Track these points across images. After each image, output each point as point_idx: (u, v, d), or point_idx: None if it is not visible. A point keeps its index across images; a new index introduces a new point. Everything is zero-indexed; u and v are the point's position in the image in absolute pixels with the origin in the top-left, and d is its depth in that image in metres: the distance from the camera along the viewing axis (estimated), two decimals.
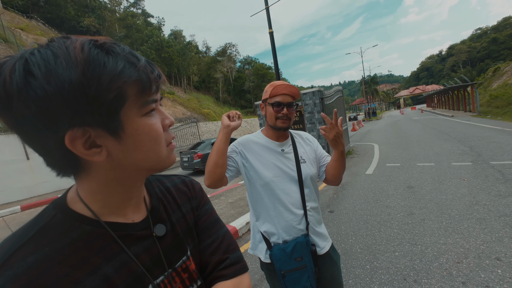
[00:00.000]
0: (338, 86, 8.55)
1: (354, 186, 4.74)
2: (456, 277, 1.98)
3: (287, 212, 1.10)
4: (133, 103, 0.36)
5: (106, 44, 0.34)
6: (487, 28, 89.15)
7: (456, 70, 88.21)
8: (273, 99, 1.10)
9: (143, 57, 0.38)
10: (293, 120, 1.14)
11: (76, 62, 0.31)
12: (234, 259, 0.54)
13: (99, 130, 0.34)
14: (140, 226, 0.45)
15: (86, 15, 36.39)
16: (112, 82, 0.33)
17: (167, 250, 0.47)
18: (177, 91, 35.75)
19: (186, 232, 0.52)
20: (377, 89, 59.31)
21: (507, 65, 28.29)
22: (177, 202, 0.54)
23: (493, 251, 2.23)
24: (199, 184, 0.61)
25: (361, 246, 2.64)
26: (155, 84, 0.38)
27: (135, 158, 0.38)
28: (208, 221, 0.56)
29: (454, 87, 20.60)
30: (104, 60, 0.33)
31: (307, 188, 1.13)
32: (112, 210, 0.42)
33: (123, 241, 0.41)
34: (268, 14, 7.95)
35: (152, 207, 0.49)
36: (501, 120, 12.30)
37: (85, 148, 0.34)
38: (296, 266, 1.05)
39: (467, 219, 2.85)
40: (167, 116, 0.43)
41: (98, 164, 0.37)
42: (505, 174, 4.14)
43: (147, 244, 0.44)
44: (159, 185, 0.54)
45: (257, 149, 1.14)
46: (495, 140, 7.00)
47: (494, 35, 77.71)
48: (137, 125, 0.37)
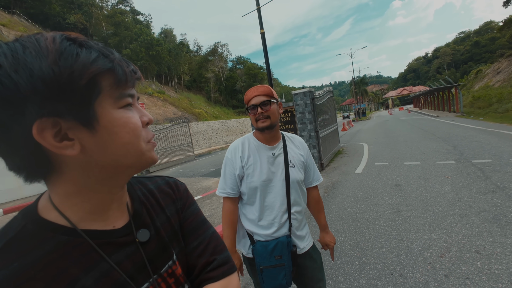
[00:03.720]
0: (329, 87, 8.69)
1: (344, 185, 4.85)
2: (439, 270, 2.07)
3: (271, 214, 1.15)
4: (108, 94, 0.35)
5: (79, 39, 0.34)
6: (470, 31, 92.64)
7: (441, 72, 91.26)
8: (249, 104, 1.13)
9: (118, 53, 0.38)
10: (276, 118, 1.13)
11: (47, 51, 0.30)
12: (221, 260, 0.52)
13: (71, 122, 0.32)
14: (122, 232, 0.42)
15: (73, 11, 35.28)
16: (84, 69, 0.32)
17: (152, 256, 0.45)
18: (167, 90, 35.24)
19: (171, 235, 0.50)
20: (367, 90, 60.57)
21: (488, 67, 29.59)
22: (161, 205, 0.51)
23: (473, 245, 2.35)
24: (184, 184, 0.59)
25: (350, 243, 2.71)
26: (131, 79, 0.38)
27: (113, 152, 0.36)
28: (194, 223, 0.54)
29: (439, 88, 21.34)
30: (77, 51, 0.32)
31: (293, 192, 1.17)
32: (91, 215, 0.39)
33: (103, 249, 0.39)
34: (259, 14, 7.98)
35: (134, 212, 0.46)
36: (482, 120, 12.84)
37: (55, 140, 0.32)
38: (274, 263, 1.11)
39: (450, 215, 2.99)
40: (145, 114, 0.41)
41: (72, 161, 0.35)
42: (485, 172, 4.35)
43: (130, 250, 0.42)
44: (141, 187, 0.52)
45: (249, 153, 1.17)
46: (477, 140, 7.33)
47: (476, 38, 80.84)
48: (112, 117, 0.35)
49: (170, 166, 11.81)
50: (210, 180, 7.02)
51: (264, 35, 7.89)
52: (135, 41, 35.02)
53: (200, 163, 11.18)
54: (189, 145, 13.51)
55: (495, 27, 60.84)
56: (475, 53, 78.81)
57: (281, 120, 6.82)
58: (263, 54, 7.85)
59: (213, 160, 12.01)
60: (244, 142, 1.20)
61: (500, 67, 26.50)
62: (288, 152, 1.19)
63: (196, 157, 13.84)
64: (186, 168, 10.40)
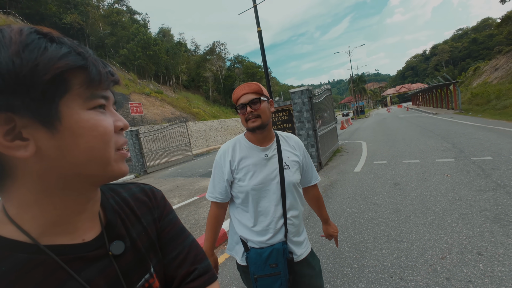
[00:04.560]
0: (327, 85, 8.62)
1: (343, 184, 4.78)
2: (440, 273, 2.01)
3: (266, 220, 1.08)
4: (77, 94, 0.32)
5: (51, 34, 0.31)
6: (468, 28, 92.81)
7: (439, 69, 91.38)
8: (238, 103, 1.06)
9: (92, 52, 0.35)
10: (267, 117, 1.05)
11: (9, 42, 0.28)
12: (202, 269, 0.50)
13: (28, 119, 0.29)
14: (93, 246, 0.39)
15: (69, 11, 34.89)
16: (50, 64, 0.29)
17: (127, 270, 0.42)
18: (165, 90, 35.07)
19: (148, 247, 0.47)
20: (365, 88, 60.54)
21: (486, 64, 29.61)
22: (136, 214, 0.48)
23: (475, 245, 2.29)
24: (161, 192, 0.56)
25: (349, 244, 2.65)
26: (106, 80, 0.35)
27: (74, 156, 0.32)
28: (172, 232, 0.52)
29: (437, 85, 21.32)
30: (46, 45, 0.29)
31: (289, 196, 1.10)
32: (55, 228, 0.35)
33: (71, 266, 0.35)
34: (256, 12, 7.90)
35: (107, 222, 0.43)
36: (481, 117, 12.81)
37: (6, 139, 0.28)
38: (269, 272, 1.03)
39: (450, 215, 2.93)
40: (121, 118, 0.38)
41: (26, 164, 0.30)
42: (485, 169, 4.30)
43: (102, 265, 0.38)
44: (114, 195, 0.48)
45: (240, 155, 1.09)
46: (476, 137, 7.28)
47: (474, 35, 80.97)
48: (79, 118, 0.32)
49: (168, 166, 11.73)
50: (207, 180, 6.94)
51: (261, 33, 7.81)
52: (132, 40, 34.74)
53: (198, 163, 11.10)
54: (187, 145, 13.43)
55: (493, 24, 60.95)
56: (473, 50, 78.95)
57: (279, 119, 6.75)
58: (260, 52, 7.77)
59: (211, 160, 11.91)
60: (235, 144, 1.13)
61: (498, 64, 26.52)
62: (283, 153, 1.11)
63: (194, 157, 13.75)
64: (184, 168, 10.32)
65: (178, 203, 5.08)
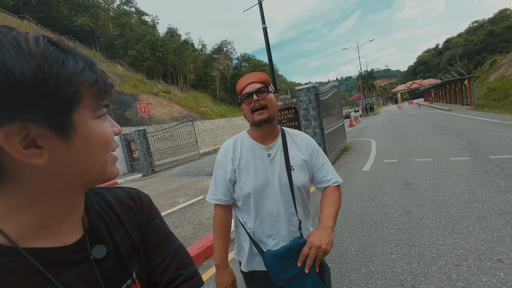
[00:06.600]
0: (334, 82, 8.40)
1: (350, 184, 4.63)
2: (456, 282, 1.86)
3: (268, 226, 1.00)
4: (87, 104, 0.34)
5: (61, 44, 0.33)
6: (484, 20, 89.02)
7: (453, 63, 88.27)
8: (242, 93, 0.97)
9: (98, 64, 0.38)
10: (274, 110, 0.97)
11: (29, 54, 0.28)
12: (188, 275, 0.49)
13: (44, 129, 0.30)
14: (73, 249, 0.38)
15: (80, 14, 35.77)
16: (72, 79, 0.31)
17: (108, 275, 0.41)
18: (173, 90, 35.43)
19: (131, 252, 0.47)
20: (374, 84, 59.15)
21: (504, 57, 28.23)
22: (120, 218, 0.48)
23: (494, 252, 2.12)
24: (148, 196, 0.55)
25: (356, 248, 2.52)
26: (109, 91, 0.38)
27: (83, 162, 0.35)
28: (157, 237, 0.51)
29: (451, 80, 20.52)
30: (63, 58, 0.31)
31: (295, 199, 0.99)
32: (37, 230, 0.35)
33: (49, 270, 0.34)
34: (261, 9, 7.78)
35: (90, 226, 0.43)
36: (498, 113, 12.23)
37: (22, 146, 0.29)
38: (295, 273, 0.87)
39: (466, 218, 2.74)
40: (115, 124, 0.41)
41: (33, 170, 0.31)
42: (504, 168, 4.04)
43: (83, 269, 0.38)
44: (99, 199, 0.48)
45: (241, 154, 1.01)
46: (493, 134, 6.92)
47: (491, 27, 77.64)
48: (90, 127, 0.35)
49: (175, 165, 11.82)
50: None
51: (266, 30, 7.69)
52: (140, 41, 35.23)
53: (205, 162, 11.11)
54: (194, 144, 13.51)
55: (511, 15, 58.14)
56: (489, 43, 75.83)
57: (285, 117, 6.63)
58: (266, 49, 7.65)
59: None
60: (236, 141, 1.04)
61: None
62: (289, 152, 1.01)
63: (201, 156, 13.81)
64: (191, 167, 10.35)
65: (184, 203, 5.06)
